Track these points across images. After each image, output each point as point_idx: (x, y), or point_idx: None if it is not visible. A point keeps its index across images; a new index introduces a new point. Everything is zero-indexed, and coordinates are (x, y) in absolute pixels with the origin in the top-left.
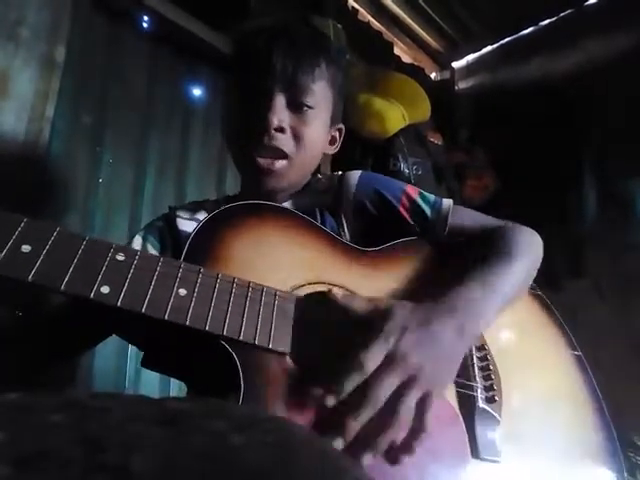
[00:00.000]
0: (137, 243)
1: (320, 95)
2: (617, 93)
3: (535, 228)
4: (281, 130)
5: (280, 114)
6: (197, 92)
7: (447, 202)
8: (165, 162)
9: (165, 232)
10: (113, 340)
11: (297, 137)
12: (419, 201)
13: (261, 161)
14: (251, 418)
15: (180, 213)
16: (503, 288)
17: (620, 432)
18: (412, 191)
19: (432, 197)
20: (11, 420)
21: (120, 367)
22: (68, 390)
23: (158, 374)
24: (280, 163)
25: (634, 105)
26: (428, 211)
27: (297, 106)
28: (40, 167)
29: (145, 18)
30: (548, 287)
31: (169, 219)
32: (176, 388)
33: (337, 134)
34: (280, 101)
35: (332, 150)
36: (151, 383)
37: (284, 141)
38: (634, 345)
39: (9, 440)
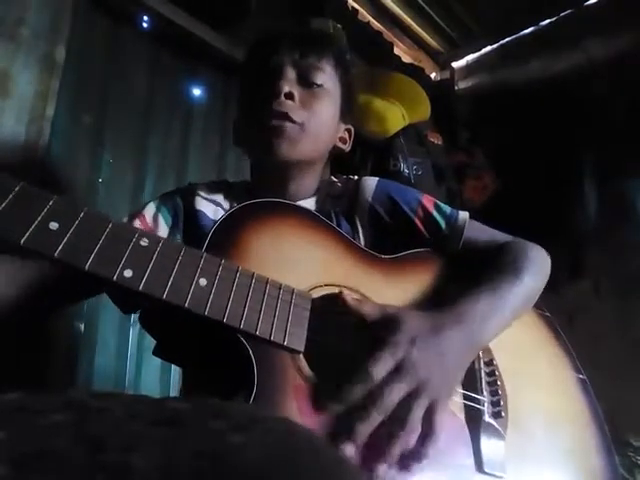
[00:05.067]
0: (149, 211)
1: (328, 79)
2: (617, 93)
3: (535, 229)
4: (290, 97)
5: (289, 83)
6: (197, 92)
7: (463, 216)
8: (165, 162)
9: (179, 209)
10: (113, 340)
11: (307, 108)
12: (434, 214)
13: (274, 122)
14: (251, 418)
15: (200, 192)
16: (512, 301)
17: (617, 432)
18: (428, 203)
19: (448, 209)
20: (11, 420)
21: (120, 367)
22: (68, 390)
23: (158, 374)
24: (290, 126)
25: (634, 105)
26: (443, 224)
27: (308, 84)
28: (40, 167)
29: (145, 18)
30: (548, 288)
31: (188, 195)
32: (176, 388)
33: (347, 135)
34: (290, 73)
35: (346, 148)
36: (151, 383)
37: (294, 109)
38: (633, 345)
39: (9, 440)
